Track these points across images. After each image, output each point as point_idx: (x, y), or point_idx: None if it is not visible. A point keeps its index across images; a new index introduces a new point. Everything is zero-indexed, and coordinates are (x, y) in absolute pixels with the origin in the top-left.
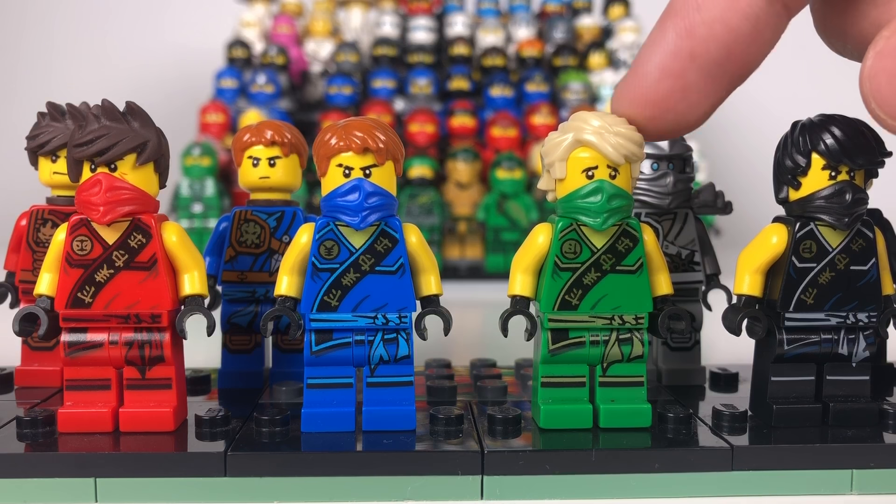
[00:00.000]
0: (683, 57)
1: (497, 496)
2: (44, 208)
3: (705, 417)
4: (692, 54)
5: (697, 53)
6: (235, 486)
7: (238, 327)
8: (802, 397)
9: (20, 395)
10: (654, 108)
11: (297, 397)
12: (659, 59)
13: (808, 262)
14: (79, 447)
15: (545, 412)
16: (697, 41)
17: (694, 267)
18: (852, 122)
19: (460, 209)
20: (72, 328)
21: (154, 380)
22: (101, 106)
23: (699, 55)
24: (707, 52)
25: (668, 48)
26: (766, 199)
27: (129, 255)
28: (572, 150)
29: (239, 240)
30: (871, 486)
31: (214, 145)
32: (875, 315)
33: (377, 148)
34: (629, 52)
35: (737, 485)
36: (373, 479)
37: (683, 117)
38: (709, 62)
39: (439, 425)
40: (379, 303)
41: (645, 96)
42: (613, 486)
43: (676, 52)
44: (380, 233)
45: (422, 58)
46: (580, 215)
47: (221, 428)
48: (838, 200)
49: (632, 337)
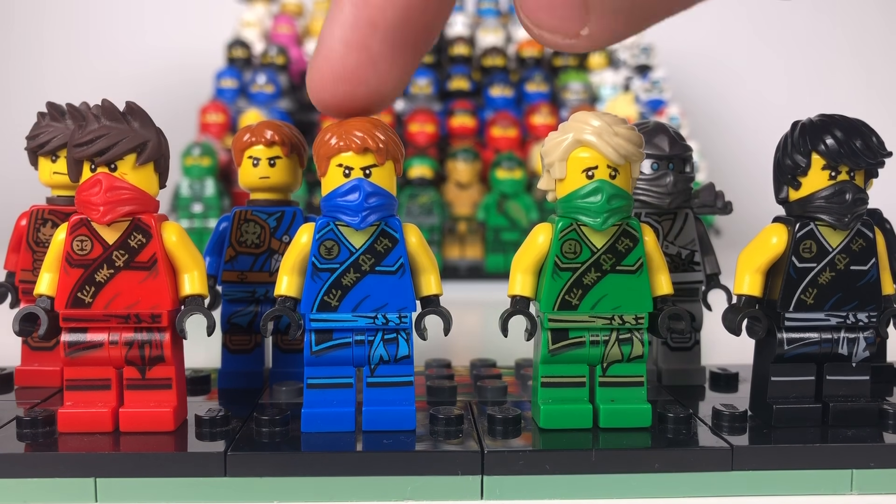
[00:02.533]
0: (363, 26)
1: (497, 496)
2: (44, 208)
3: (705, 417)
4: (371, 22)
5: (376, 21)
6: (235, 486)
7: (238, 327)
8: (802, 397)
9: (20, 395)
10: (346, 84)
11: (296, 397)
12: (340, 33)
13: (808, 262)
14: (79, 447)
15: (545, 412)
16: (374, 8)
17: (694, 267)
18: (852, 122)
19: (460, 209)
20: (72, 328)
21: (154, 380)
22: (101, 106)
23: (378, 23)
24: (385, 18)
25: (347, 20)
26: (767, 199)
27: (129, 254)
28: (572, 150)
29: (239, 240)
30: (871, 486)
31: (214, 145)
32: (875, 315)
33: (377, 148)
34: (629, 51)
35: (737, 485)
36: (373, 479)
37: (377, 90)
38: (389, 29)
39: (439, 425)
40: (379, 303)
41: (334, 73)
42: (613, 486)
43: (355, 22)
44: (380, 233)
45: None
46: (580, 215)
47: (221, 428)
48: (838, 200)
49: (632, 337)
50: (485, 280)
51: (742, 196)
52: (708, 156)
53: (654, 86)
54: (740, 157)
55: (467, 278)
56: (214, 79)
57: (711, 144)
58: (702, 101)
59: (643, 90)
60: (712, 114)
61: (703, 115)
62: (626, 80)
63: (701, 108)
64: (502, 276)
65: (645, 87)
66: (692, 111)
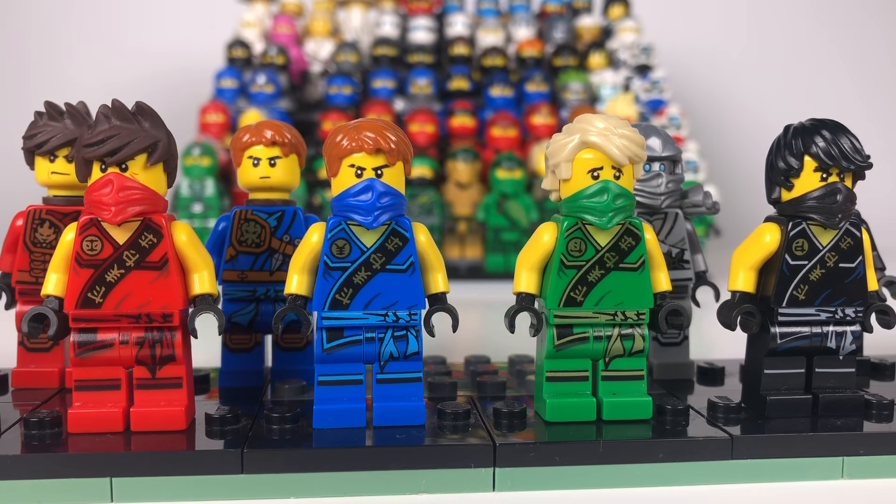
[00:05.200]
0: None
1: (509, 487)
2: (41, 208)
3: (700, 409)
4: None
5: None
6: (252, 483)
7: (238, 326)
8: (794, 389)
9: (17, 396)
10: None
11: (299, 395)
12: None
13: (800, 260)
14: (92, 447)
15: (551, 405)
16: None
17: (684, 265)
18: (840, 126)
19: (460, 209)
20: (82, 328)
21: (165, 379)
22: (111, 106)
23: None
24: None
25: None
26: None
27: (139, 254)
28: (578, 152)
29: (239, 239)
30: (861, 472)
31: (214, 145)
32: (861, 310)
33: (389, 149)
34: (629, 51)
35: (736, 472)
36: (388, 473)
37: None
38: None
39: (447, 420)
40: (389, 300)
41: None
42: (619, 476)
43: None
44: (390, 232)
45: (422, 58)
46: (586, 214)
47: (232, 426)
48: (830, 201)
49: (633, 332)
50: (485, 280)
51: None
52: (708, 156)
53: (654, 86)
54: (740, 157)
55: (467, 278)
56: (214, 79)
57: (711, 144)
58: (702, 102)
59: (643, 90)
60: (712, 114)
61: (703, 115)
62: (626, 80)
63: (701, 108)
64: (502, 276)
65: (645, 87)
66: (692, 111)
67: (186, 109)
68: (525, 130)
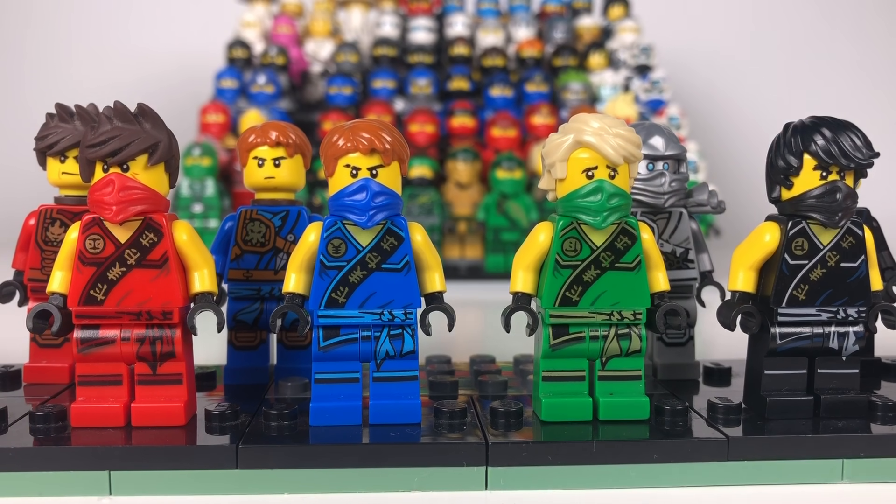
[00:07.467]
0: None
1: (501, 486)
2: (52, 208)
3: (700, 410)
4: None
5: None
6: (247, 479)
7: (243, 324)
8: (795, 390)
9: (28, 391)
10: None
11: (302, 392)
12: None
13: (800, 260)
14: (93, 441)
15: (546, 405)
16: None
17: (688, 265)
18: (842, 123)
19: (460, 209)
20: (84, 325)
21: (165, 375)
22: (113, 107)
23: None
24: None
25: None
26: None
27: (140, 253)
28: (573, 151)
29: (244, 238)
30: (861, 475)
31: (215, 145)
32: (864, 310)
33: (384, 149)
34: (629, 52)
35: (732, 474)
36: (380, 470)
37: None
38: None
39: (444, 418)
40: (385, 299)
41: None
42: (614, 476)
43: None
44: (386, 231)
45: (422, 58)
46: (580, 214)
47: (231, 422)
48: (829, 200)
49: (630, 332)
50: (485, 280)
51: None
52: (708, 156)
53: (654, 86)
54: (740, 157)
55: (467, 278)
56: (215, 79)
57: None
58: (702, 102)
59: (643, 90)
60: (712, 114)
61: (703, 115)
62: (626, 80)
63: (701, 108)
64: (502, 276)
65: (645, 88)
66: (692, 111)
67: (187, 110)
68: (525, 131)
